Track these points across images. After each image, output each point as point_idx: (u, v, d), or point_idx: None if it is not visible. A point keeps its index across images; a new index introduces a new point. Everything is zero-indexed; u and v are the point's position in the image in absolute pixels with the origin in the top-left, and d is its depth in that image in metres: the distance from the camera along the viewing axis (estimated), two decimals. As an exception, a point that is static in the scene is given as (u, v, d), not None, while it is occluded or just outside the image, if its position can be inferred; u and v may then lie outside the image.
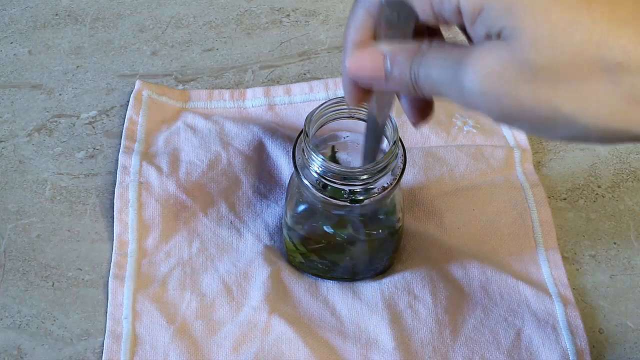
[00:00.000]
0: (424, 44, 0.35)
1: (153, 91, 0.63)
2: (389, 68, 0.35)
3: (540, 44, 0.30)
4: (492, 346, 0.50)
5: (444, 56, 0.34)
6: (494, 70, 0.31)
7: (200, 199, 0.56)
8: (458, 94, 0.33)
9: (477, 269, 0.53)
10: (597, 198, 0.59)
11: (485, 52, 0.32)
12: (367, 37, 0.37)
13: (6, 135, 0.61)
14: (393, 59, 0.35)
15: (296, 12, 0.70)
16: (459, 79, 0.32)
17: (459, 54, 0.33)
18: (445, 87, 0.34)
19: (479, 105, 0.33)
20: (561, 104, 0.30)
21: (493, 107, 0.32)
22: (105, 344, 0.50)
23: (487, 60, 0.31)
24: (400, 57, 0.35)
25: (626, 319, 0.53)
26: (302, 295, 0.53)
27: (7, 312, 0.52)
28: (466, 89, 0.32)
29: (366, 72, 0.36)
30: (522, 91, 0.31)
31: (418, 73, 0.34)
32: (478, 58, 0.32)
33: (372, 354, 0.50)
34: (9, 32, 0.68)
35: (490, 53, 0.31)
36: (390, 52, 0.35)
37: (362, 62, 0.36)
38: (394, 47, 0.35)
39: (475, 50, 0.32)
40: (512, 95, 0.31)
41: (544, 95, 0.30)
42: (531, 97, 0.31)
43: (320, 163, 0.45)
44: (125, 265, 0.53)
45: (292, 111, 0.63)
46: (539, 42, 0.30)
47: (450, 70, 0.33)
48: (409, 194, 0.57)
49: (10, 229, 0.56)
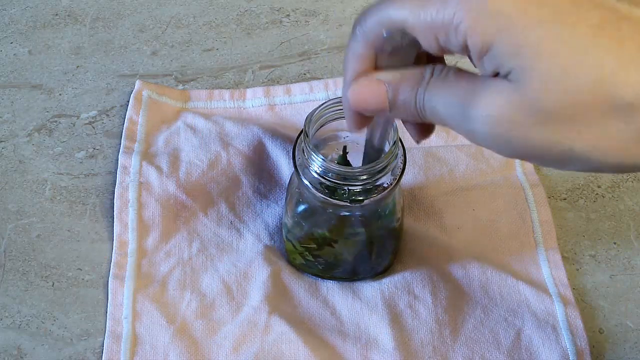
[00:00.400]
0: (426, 70, 0.35)
1: (153, 91, 0.63)
2: (392, 98, 0.35)
3: (551, 87, 0.30)
4: (492, 346, 0.50)
5: (450, 91, 0.33)
6: (505, 115, 0.31)
7: (200, 199, 0.56)
8: (466, 132, 0.33)
9: (477, 269, 0.53)
10: (597, 198, 0.59)
11: (495, 94, 0.31)
12: (368, 67, 0.36)
13: (6, 135, 0.61)
14: (396, 89, 0.35)
15: (296, 12, 0.70)
16: (468, 119, 0.32)
17: (466, 92, 0.32)
18: (452, 122, 0.34)
19: (489, 145, 0.33)
20: (574, 144, 0.31)
21: (503, 148, 0.32)
22: (105, 344, 0.50)
23: (497, 104, 0.31)
24: (403, 87, 0.35)
25: (626, 319, 0.53)
26: (302, 295, 0.53)
27: (7, 312, 0.52)
28: (475, 131, 0.32)
29: (369, 103, 0.36)
30: (533, 134, 0.31)
31: (423, 104, 0.34)
32: (488, 102, 0.31)
33: (372, 354, 0.50)
34: (9, 32, 0.68)
35: (499, 96, 0.31)
36: (392, 81, 0.35)
37: (364, 94, 0.36)
38: (396, 76, 0.35)
39: (484, 91, 0.32)
40: (523, 138, 0.31)
41: (556, 137, 0.31)
42: (543, 139, 0.31)
43: (320, 163, 0.45)
44: (125, 265, 0.53)
45: (292, 111, 0.63)
46: (549, 84, 0.30)
47: (458, 108, 0.33)
48: (409, 194, 0.57)
49: (10, 229, 0.56)
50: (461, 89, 0.33)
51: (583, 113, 0.30)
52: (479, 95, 0.32)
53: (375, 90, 0.35)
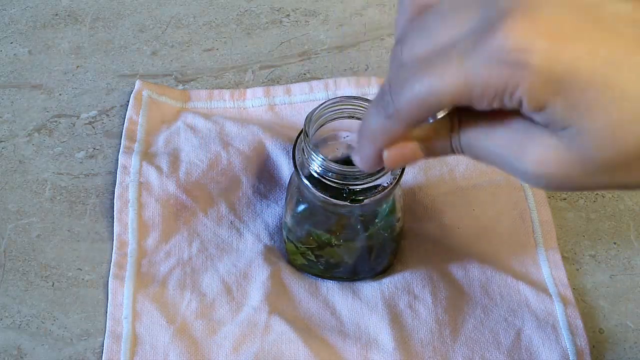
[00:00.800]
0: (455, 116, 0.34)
1: (153, 91, 0.63)
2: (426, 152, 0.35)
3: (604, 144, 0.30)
4: (492, 346, 0.50)
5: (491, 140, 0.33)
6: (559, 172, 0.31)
7: (200, 199, 0.56)
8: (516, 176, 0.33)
9: (477, 269, 0.53)
10: (597, 198, 0.59)
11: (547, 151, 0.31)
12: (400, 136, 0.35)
13: (6, 135, 0.61)
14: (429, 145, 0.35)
15: (296, 12, 0.70)
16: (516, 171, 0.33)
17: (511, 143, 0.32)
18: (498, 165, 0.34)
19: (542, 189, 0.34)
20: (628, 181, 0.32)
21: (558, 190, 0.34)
22: (105, 344, 0.50)
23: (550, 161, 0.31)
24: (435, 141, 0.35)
25: (626, 319, 0.53)
26: (302, 295, 0.53)
27: (7, 312, 0.52)
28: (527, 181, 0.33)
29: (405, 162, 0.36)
30: (587, 182, 0.32)
31: (460, 148, 0.34)
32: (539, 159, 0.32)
33: (372, 354, 0.50)
34: (9, 32, 0.68)
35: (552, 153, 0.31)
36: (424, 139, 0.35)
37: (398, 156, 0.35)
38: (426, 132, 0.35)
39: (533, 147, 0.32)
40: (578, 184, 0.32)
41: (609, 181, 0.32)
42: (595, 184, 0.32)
43: (320, 163, 0.45)
44: (125, 265, 0.53)
45: (292, 111, 0.63)
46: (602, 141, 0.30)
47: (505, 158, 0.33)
48: (409, 194, 0.57)
49: (10, 229, 0.56)
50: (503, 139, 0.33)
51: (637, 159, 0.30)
52: (526, 151, 0.32)
53: (408, 151, 0.35)
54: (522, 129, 0.32)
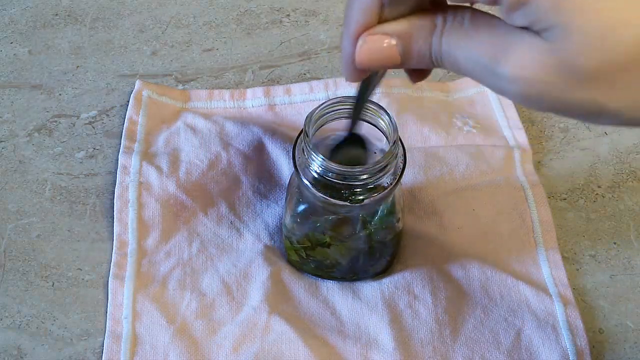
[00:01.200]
0: (437, 18, 0.32)
1: (153, 91, 0.63)
2: (403, 51, 0.33)
3: (591, 47, 0.28)
4: (492, 346, 0.50)
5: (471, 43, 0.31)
6: (539, 77, 0.30)
7: (200, 199, 0.56)
8: (493, 88, 0.32)
9: (477, 269, 0.53)
10: (597, 198, 0.59)
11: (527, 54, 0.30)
12: (374, 18, 0.33)
13: (6, 135, 0.61)
14: (407, 42, 0.33)
15: (296, 12, 0.70)
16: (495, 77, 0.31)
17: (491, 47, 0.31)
18: (476, 76, 0.32)
19: (518, 102, 0.32)
20: (609, 102, 0.30)
21: (533, 105, 0.31)
22: (105, 344, 0.50)
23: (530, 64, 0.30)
24: (415, 39, 0.33)
25: (626, 319, 0.53)
26: (302, 295, 0.53)
27: (7, 312, 0.52)
28: (504, 89, 0.31)
29: (378, 60, 0.34)
30: (568, 94, 0.30)
31: (440, 55, 0.32)
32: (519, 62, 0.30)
33: (372, 354, 0.50)
34: (9, 32, 0.68)
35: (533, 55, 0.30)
36: (401, 34, 0.33)
37: (372, 51, 0.34)
38: (405, 27, 0.33)
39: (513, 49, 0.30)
40: (556, 97, 0.30)
41: (591, 96, 0.30)
42: (577, 98, 0.30)
43: (320, 162, 0.45)
44: (125, 265, 0.53)
45: (292, 111, 0.63)
46: (589, 45, 0.28)
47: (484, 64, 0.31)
48: (409, 194, 0.57)
49: (10, 229, 0.56)
50: (484, 43, 0.31)
51: (622, 72, 0.29)
52: (507, 53, 0.30)
53: (384, 46, 0.33)
54: (505, 33, 0.31)
